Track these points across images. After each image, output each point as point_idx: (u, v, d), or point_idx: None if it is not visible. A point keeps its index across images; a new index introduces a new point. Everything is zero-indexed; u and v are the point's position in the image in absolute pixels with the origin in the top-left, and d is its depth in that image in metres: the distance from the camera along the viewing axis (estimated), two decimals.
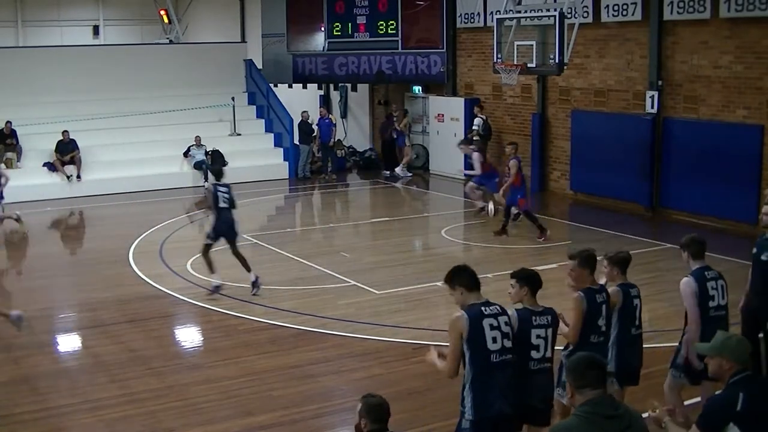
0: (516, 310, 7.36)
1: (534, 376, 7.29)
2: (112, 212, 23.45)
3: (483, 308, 6.90)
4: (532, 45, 20.41)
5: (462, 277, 7.07)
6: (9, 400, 10.43)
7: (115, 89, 27.45)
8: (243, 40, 33.49)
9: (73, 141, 25.74)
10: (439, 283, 14.71)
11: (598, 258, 8.16)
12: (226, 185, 14.82)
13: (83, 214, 24.06)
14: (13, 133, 25.76)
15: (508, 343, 6.92)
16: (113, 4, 40.27)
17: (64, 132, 25.63)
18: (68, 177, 25.42)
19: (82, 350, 12.76)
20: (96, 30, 39.30)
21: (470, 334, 6.80)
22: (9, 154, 25.54)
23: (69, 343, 13.05)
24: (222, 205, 14.63)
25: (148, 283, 15.53)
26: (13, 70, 27.13)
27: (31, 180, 25.01)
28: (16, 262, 19.21)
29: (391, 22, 27.42)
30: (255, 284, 14.60)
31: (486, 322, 6.83)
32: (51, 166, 25.62)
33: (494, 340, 6.84)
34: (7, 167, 25.17)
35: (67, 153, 25.68)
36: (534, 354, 7.27)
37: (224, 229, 14.68)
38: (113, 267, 16.72)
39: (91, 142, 26.10)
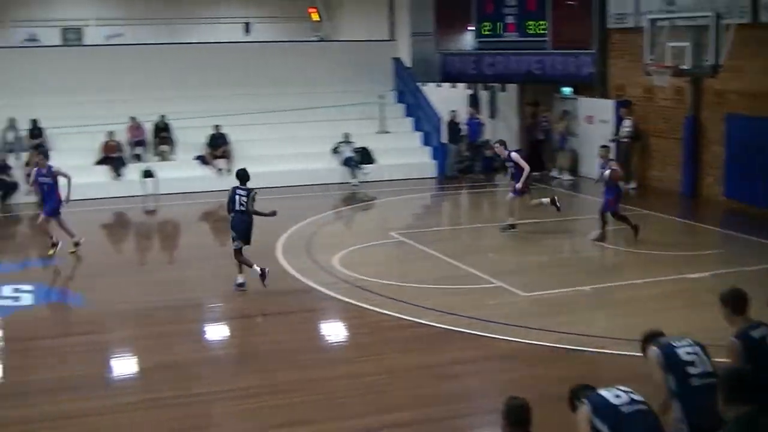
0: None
1: None
2: (260, 206, 23.78)
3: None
4: (685, 46, 19.85)
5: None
6: (157, 384, 10.68)
7: (265, 85, 27.91)
8: (392, 38, 33.57)
9: (223, 135, 26.29)
10: (586, 288, 14.56)
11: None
12: (248, 189, 15.06)
13: None
14: (167, 127, 26.48)
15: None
16: (264, 2, 40.95)
17: (216, 126, 26.20)
18: (219, 170, 25.96)
19: (228, 340, 12.99)
20: (247, 27, 40.01)
21: None
22: (163, 147, 26.28)
23: (216, 332, 13.29)
24: (238, 207, 14.87)
25: (295, 276, 15.69)
26: (167, 66, 27.93)
27: (183, 172, 25.69)
28: (168, 253, 19.74)
29: (540, 22, 27.06)
30: (260, 277, 14.76)
31: None
32: (202, 160, 26.22)
33: None
34: (162, 159, 25.94)
35: (218, 147, 26.24)
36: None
37: (238, 231, 14.87)
38: (261, 260, 16.92)
39: (241, 136, 26.62)
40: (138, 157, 25.90)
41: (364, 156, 26.35)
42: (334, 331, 13.56)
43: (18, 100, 26.11)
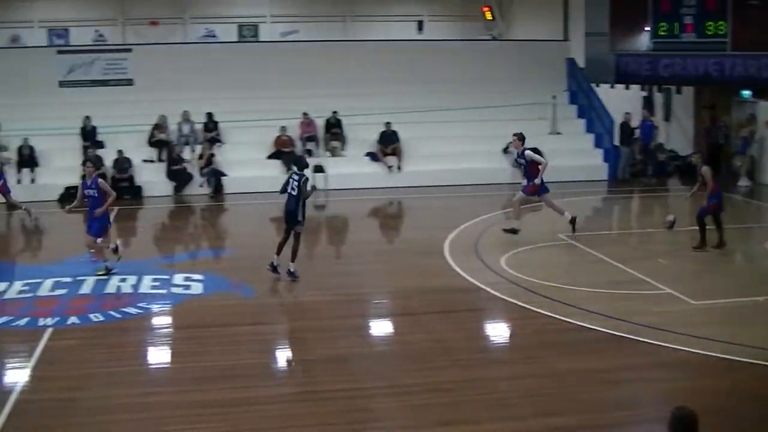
0: None
1: None
2: (429, 204, 23.95)
3: None
4: None
5: None
6: (320, 376, 10.83)
7: (437, 84, 28.00)
8: (565, 38, 33.12)
9: (395, 132, 26.50)
10: (761, 298, 14.01)
11: None
12: (301, 175, 15.42)
13: (402, 204, 24.73)
14: (338, 123, 26.87)
15: None
16: (438, 0, 41.00)
17: (387, 123, 26.43)
18: (389, 167, 26.19)
19: (392, 336, 13.05)
20: (420, 25, 40.14)
21: None
22: (334, 143, 26.69)
23: (380, 328, 13.39)
24: (290, 191, 15.35)
25: (461, 275, 15.64)
26: (340, 63, 28.34)
27: (354, 168, 26.05)
28: (337, 248, 20.03)
29: (720, 22, 26.18)
30: (291, 273, 15.28)
31: None
32: (373, 156, 26.51)
33: None
34: (333, 155, 26.34)
35: (389, 144, 26.47)
36: None
37: (286, 213, 15.41)
38: (428, 257, 16.99)
39: (412, 134, 26.79)
40: (309, 153, 26.36)
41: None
42: (498, 331, 13.45)
43: (194, 94, 27.03)
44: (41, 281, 15.44)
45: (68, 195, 24.67)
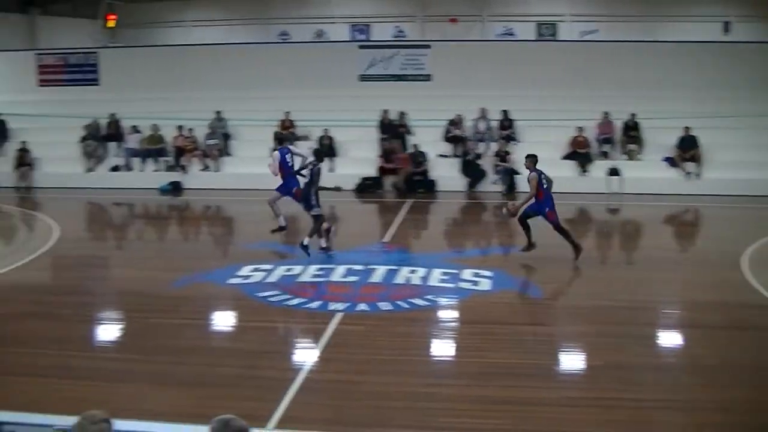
0: None
1: None
2: (729, 214, 22.97)
3: None
4: None
5: None
6: (603, 383, 10.55)
7: (743, 89, 26.69)
8: None
9: (694, 138, 25.60)
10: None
11: None
12: (315, 164, 16.84)
13: (699, 213, 23.84)
14: (636, 126, 26.27)
15: None
16: (748, 1, 39.13)
17: (686, 128, 25.56)
18: (687, 173, 25.33)
19: (680, 349, 12.56)
20: (726, 26, 38.47)
21: None
22: (631, 146, 26.13)
23: (668, 339, 12.90)
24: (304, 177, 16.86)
25: (759, 292, 14.78)
26: (639, 64, 27.66)
27: (649, 173, 25.41)
28: (628, 253, 19.59)
29: None
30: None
31: None
32: (671, 161, 25.72)
33: None
34: (629, 158, 25.79)
35: (687, 149, 25.60)
36: None
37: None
38: (723, 270, 16.25)
39: (712, 140, 25.76)
40: (605, 155, 25.96)
41: None
42: None
43: (490, 92, 27.23)
44: (334, 267, 16.04)
45: (364, 186, 25.56)
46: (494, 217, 23.81)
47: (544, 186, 16.63)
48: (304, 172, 17.03)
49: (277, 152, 17.77)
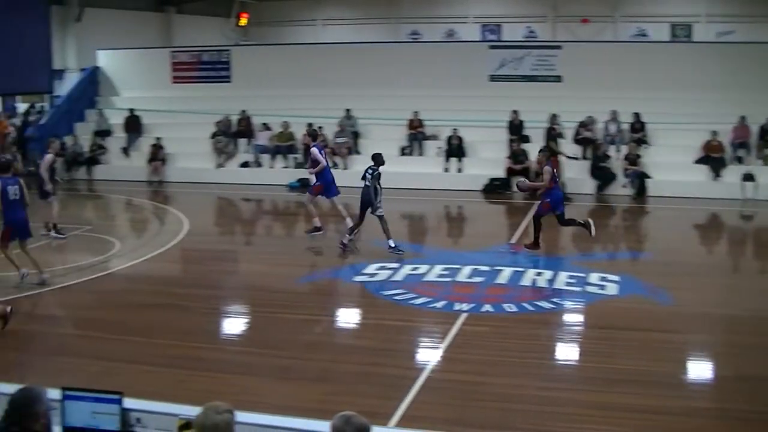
0: None
1: None
2: None
3: None
4: None
5: None
6: (734, 395, 10.19)
7: None
8: None
9: None
10: None
11: None
12: (375, 169, 17.23)
13: None
14: None
15: None
16: None
17: None
18: None
19: None
20: None
21: None
22: None
23: None
24: (366, 183, 17.15)
25: None
26: None
27: None
28: (763, 261, 19.06)
29: None
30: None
31: None
32: None
33: None
34: (765, 164, 25.04)
35: None
36: None
37: (361, 201, 17.16)
38: None
39: None
40: (740, 160, 25.27)
41: None
42: None
43: (622, 93, 26.77)
44: (460, 267, 16.01)
45: (492, 186, 25.46)
46: (623, 221, 23.46)
47: (558, 180, 18.03)
48: (366, 176, 17.34)
49: (315, 148, 18.82)
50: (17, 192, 14.73)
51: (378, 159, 17.62)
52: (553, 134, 26.25)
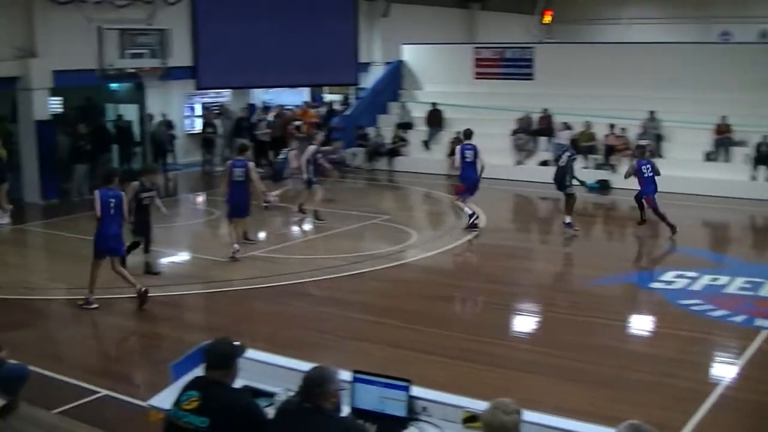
0: None
1: None
2: None
3: None
4: None
5: None
6: None
7: None
8: None
9: None
10: None
11: None
12: (573, 154, 19.49)
13: None
14: None
15: None
16: None
17: None
18: None
19: None
20: None
21: None
22: None
23: None
24: (560, 164, 19.44)
25: None
26: None
27: None
28: None
29: None
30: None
31: None
32: None
33: None
34: None
35: None
36: None
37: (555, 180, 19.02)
38: None
39: None
40: None
41: None
42: None
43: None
44: (764, 282, 15.22)
45: None
46: None
47: (644, 175, 19.09)
48: (562, 159, 19.32)
49: (458, 147, 20.49)
50: (242, 174, 16.39)
51: (576, 143, 20.92)
52: None
